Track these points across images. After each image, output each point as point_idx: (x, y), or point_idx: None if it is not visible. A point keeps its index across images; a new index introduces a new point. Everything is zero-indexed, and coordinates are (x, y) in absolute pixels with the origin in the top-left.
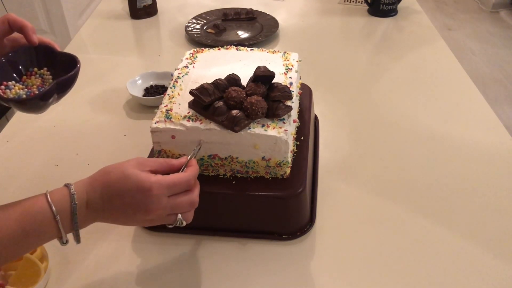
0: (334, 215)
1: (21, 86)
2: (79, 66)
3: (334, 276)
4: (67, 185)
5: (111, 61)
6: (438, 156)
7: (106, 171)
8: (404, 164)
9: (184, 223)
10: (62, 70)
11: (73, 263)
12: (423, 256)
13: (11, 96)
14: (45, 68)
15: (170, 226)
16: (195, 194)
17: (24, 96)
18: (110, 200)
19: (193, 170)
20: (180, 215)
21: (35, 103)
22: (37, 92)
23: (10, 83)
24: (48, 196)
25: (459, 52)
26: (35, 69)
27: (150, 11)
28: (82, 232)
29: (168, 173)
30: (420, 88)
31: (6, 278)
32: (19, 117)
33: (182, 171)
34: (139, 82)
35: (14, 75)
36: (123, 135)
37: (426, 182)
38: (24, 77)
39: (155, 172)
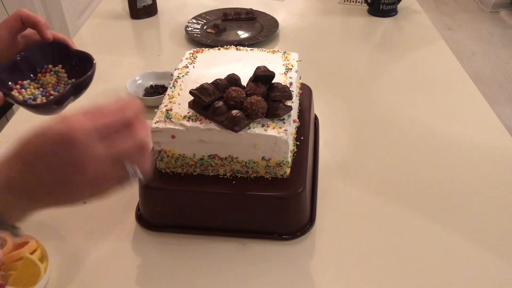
0: (334, 215)
1: (36, 85)
2: (95, 66)
3: (334, 276)
4: None
5: (111, 61)
6: (438, 156)
7: (21, 142)
8: (404, 164)
9: (140, 174)
10: (77, 68)
11: (73, 263)
12: (423, 255)
13: (27, 96)
14: (60, 66)
15: (128, 183)
16: (139, 131)
17: (40, 96)
18: (32, 168)
19: (127, 103)
20: (130, 167)
21: (50, 107)
22: (52, 92)
23: (25, 82)
24: None
25: (459, 52)
26: (50, 66)
27: (150, 11)
28: (82, 231)
29: None
30: (420, 88)
31: (6, 278)
32: (19, 117)
33: None
34: (139, 82)
35: (29, 73)
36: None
37: (426, 182)
38: (39, 74)
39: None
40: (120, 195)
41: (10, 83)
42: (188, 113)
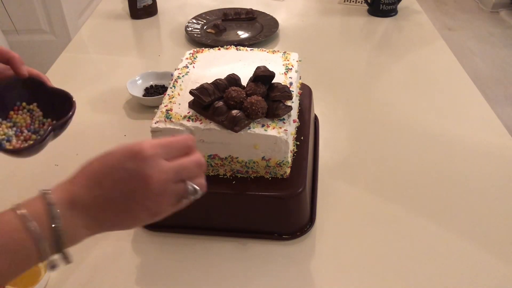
0: (334, 215)
1: (8, 124)
2: (75, 105)
3: (334, 276)
4: (42, 196)
5: (111, 61)
6: (438, 156)
7: (86, 162)
8: (404, 164)
9: (200, 192)
10: (53, 106)
11: (73, 263)
12: (423, 255)
13: (0, 137)
14: (35, 104)
15: (185, 202)
16: (198, 154)
17: (14, 137)
18: (98, 182)
19: (188, 135)
20: (190, 182)
21: (28, 151)
22: (26, 133)
23: None
24: (19, 209)
25: (459, 52)
26: (24, 103)
27: (150, 11)
28: None
29: None
30: (420, 88)
31: None
32: None
33: None
34: (139, 82)
35: (0, 112)
36: (123, 135)
37: (426, 181)
38: (11, 112)
39: None
40: None
41: None
42: (188, 113)
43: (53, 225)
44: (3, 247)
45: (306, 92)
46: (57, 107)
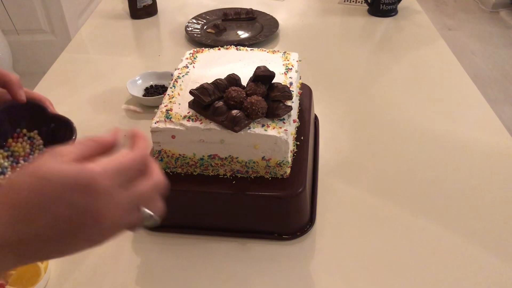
0: (334, 215)
1: (5, 153)
2: (76, 133)
3: (334, 276)
4: None
5: (111, 61)
6: (438, 156)
7: (7, 184)
8: (404, 164)
9: (156, 218)
10: (55, 133)
11: (73, 263)
12: (423, 255)
13: None
14: (36, 131)
15: (134, 231)
16: (156, 173)
17: (9, 168)
18: (29, 220)
19: (142, 141)
20: (145, 209)
21: None
22: (22, 163)
23: None
24: None
25: (459, 52)
26: (24, 130)
27: (150, 11)
28: None
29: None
30: (420, 88)
31: (6, 278)
32: None
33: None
34: (139, 82)
35: None
36: (123, 135)
37: (426, 181)
38: (10, 140)
39: (83, 156)
40: None
41: None
42: (188, 113)
43: None
44: None
45: (306, 92)
46: (57, 135)
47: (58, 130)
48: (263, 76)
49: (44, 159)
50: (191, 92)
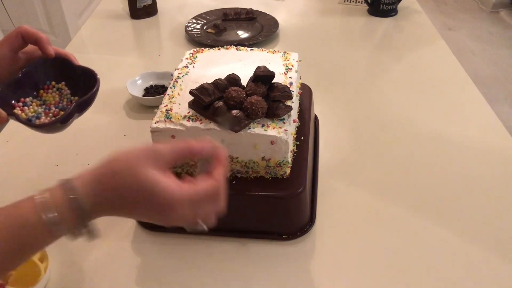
0: (334, 215)
1: (38, 102)
2: (99, 82)
3: (334, 276)
4: (64, 184)
5: (111, 61)
6: (438, 156)
7: (114, 170)
8: (404, 163)
9: (207, 229)
10: (80, 84)
11: (73, 263)
12: (423, 255)
13: (30, 115)
14: (63, 82)
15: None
16: (222, 201)
17: (43, 114)
18: (121, 207)
19: (222, 172)
20: (201, 222)
21: (55, 126)
22: (54, 110)
23: (27, 99)
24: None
25: (459, 52)
26: (53, 82)
27: (150, 11)
28: None
29: (186, 158)
30: (420, 88)
31: (6, 278)
32: None
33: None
34: (139, 82)
35: (31, 91)
36: (123, 135)
37: (426, 181)
38: (41, 91)
39: (173, 164)
40: None
41: (12, 101)
42: (188, 113)
43: (70, 196)
44: (14, 228)
45: (306, 92)
46: (83, 85)
47: (84, 80)
48: (263, 76)
49: (143, 159)
50: (191, 92)
